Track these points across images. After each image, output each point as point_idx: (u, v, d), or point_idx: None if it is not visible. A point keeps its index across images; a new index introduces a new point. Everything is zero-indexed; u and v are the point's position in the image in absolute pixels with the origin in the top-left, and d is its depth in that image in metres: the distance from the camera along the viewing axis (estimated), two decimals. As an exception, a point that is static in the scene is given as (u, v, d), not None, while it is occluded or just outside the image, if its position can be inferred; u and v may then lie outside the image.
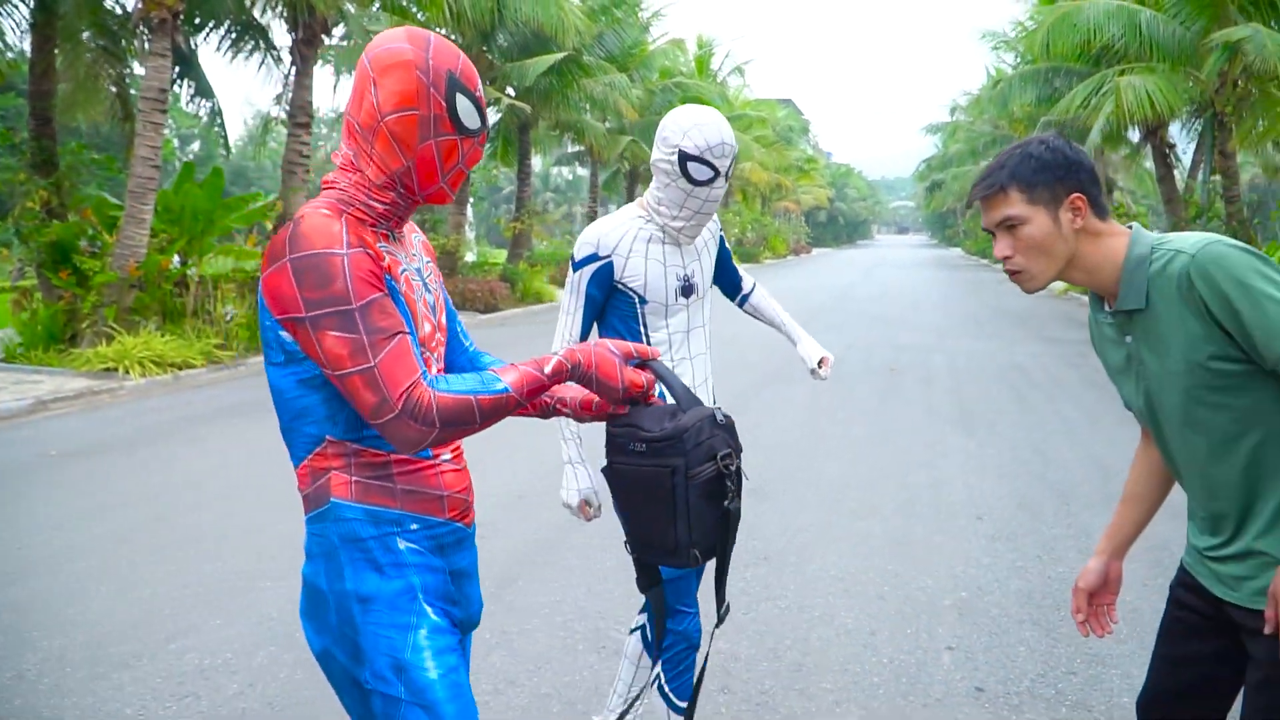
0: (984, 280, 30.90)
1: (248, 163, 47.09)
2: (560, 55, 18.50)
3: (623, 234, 2.57)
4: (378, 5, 14.74)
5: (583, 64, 20.00)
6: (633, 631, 2.86)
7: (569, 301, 2.62)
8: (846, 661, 3.73)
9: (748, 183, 39.80)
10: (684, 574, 2.61)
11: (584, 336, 2.62)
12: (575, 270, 2.61)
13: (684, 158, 2.45)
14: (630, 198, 30.76)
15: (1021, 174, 1.83)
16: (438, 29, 16.83)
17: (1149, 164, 23.90)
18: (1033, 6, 23.87)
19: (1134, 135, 21.26)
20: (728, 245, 2.97)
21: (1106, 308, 1.91)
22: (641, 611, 2.84)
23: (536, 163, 26.01)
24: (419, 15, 15.21)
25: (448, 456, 1.78)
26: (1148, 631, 3.72)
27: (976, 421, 8.28)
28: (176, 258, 12.47)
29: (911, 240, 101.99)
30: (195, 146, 49.13)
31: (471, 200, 25.65)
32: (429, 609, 1.68)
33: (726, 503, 1.78)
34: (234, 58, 14.61)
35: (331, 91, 24.19)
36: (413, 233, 1.84)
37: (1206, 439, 1.80)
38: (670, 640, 2.65)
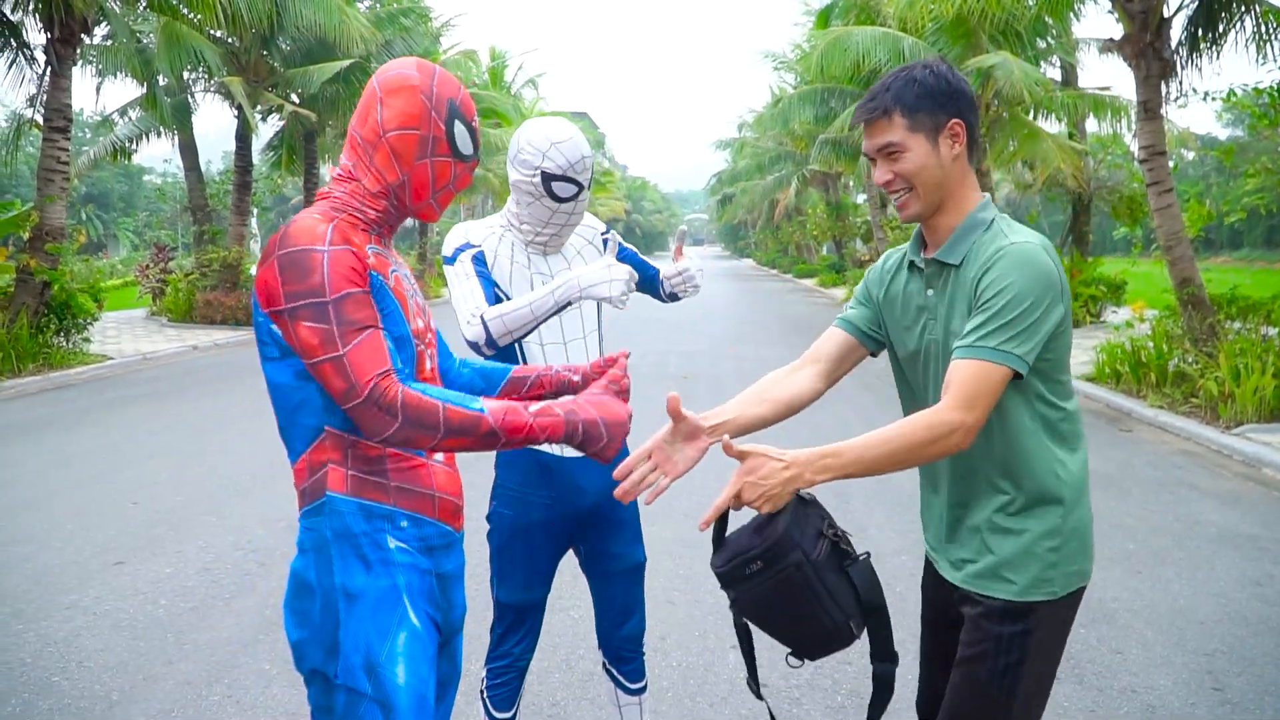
0: (772, 290, 32.30)
1: (-1, 169, 43.20)
2: (347, 62, 17.99)
3: (487, 235, 2.52)
4: (144, 4, 13.84)
5: (370, 71, 19.48)
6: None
7: (461, 285, 2.44)
8: (637, 667, 3.79)
9: (544, 194, 39.80)
10: (535, 602, 2.61)
11: (491, 303, 2.42)
12: (454, 261, 2.48)
13: (547, 178, 2.39)
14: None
15: (905, 98, 1.81)
16: (211, 30, 16.01)
17: (917, 180, 25.46)
18: (809, 30, 25.17)
19: (902, 153, 22.61)
20: (626, 245, 2.73)
21: (923, 255, 1.92)
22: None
23: (324, 171, 25.11)
24: (190, 15, 14.39)
25: (440, 458, 1.84)
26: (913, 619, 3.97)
27: (763, 426, 8.57)
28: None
29: (706, 252, 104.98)
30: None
31: (256, 211, 24.42)
32: (412, 612, 1.74)
33: (846, 564, 1.79)
34: (-22, 56, 13.32)
35: (95, 94, 22.50)
36: None
37: None
38: (504, 662, 2.62)
